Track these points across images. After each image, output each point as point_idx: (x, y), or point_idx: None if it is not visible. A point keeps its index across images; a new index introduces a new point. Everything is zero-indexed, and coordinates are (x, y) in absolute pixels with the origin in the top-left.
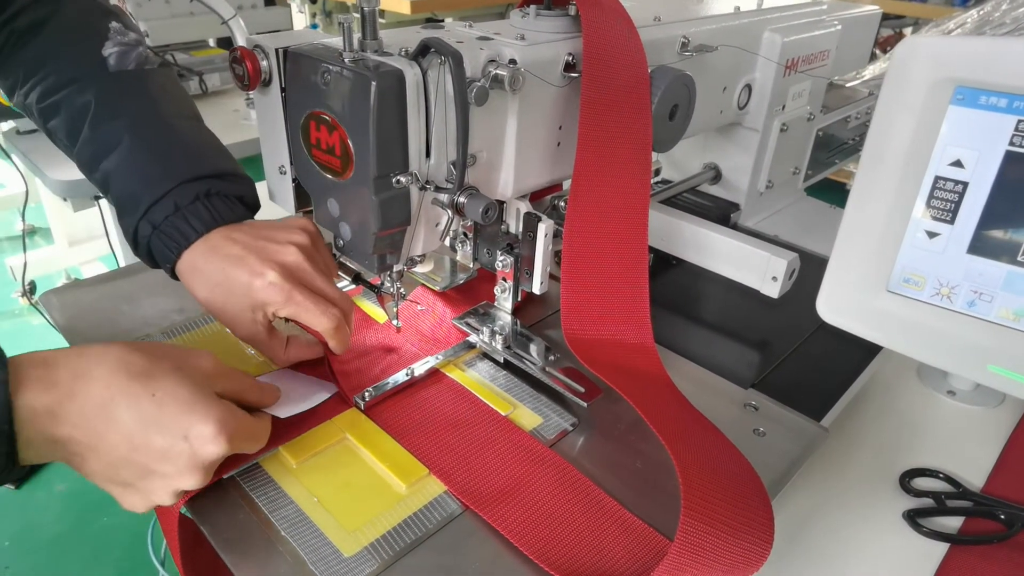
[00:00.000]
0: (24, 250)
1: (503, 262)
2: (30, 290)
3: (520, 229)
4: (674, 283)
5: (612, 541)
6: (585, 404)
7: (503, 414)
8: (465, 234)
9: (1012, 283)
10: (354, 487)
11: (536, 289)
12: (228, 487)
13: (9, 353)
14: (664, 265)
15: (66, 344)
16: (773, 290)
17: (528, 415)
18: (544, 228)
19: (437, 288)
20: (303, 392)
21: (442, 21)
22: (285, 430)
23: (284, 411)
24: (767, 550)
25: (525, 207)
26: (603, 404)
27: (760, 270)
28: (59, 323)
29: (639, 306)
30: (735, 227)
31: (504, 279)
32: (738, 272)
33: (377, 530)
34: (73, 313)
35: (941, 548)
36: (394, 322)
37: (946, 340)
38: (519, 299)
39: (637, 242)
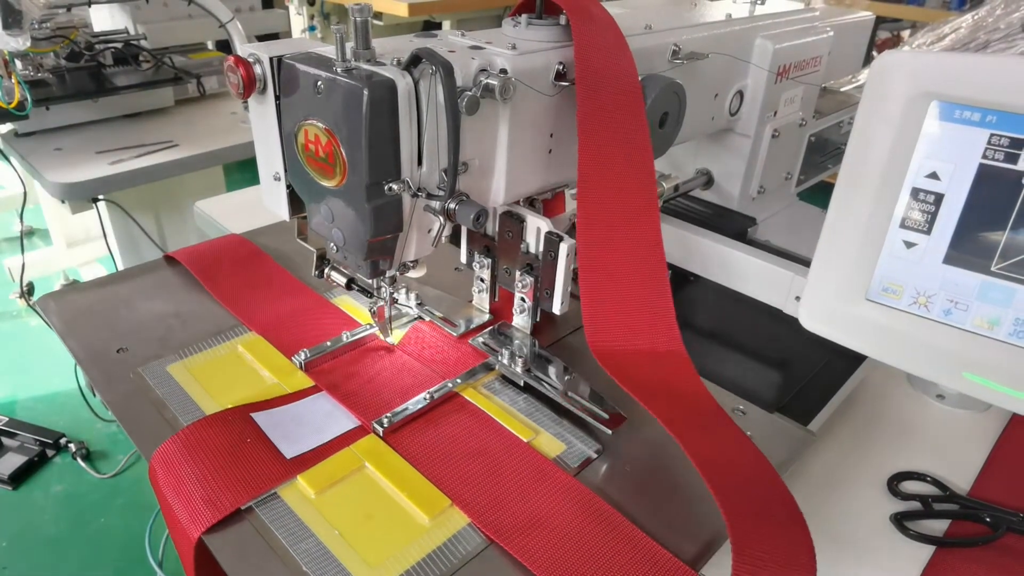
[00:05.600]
0: (22, 251)
1: (523, 282)
2: (28, 291)
3: (540, 249)
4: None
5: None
6: (609, 431)
7: (525, 440)
8: (481, 280)
9: (986, 293)
10: (376, 519)
11: (556, 309)
12: (246, 518)
13: (5, 352)
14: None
15: (63, 347)
16: (797, 310)
17: (550, 442)
18: (566, 248)
19: (455, 335)
20: (316, 426)
21: (439, 25)
22: (302, 457)
23: (293, 449)
24: None
25: (546, 227)
26: (628, 429)
27: (783, 289)
28: (56, 326)
29: (664, 310)
30: (751, 242)
31: (523, 299)
32: (760, 291)
33: (402, 565)
34: (70, 316)
35: (927, 550)
36: (386, 334)
37: (923, 348)
38: (537, 319)
39: (652, 247)
